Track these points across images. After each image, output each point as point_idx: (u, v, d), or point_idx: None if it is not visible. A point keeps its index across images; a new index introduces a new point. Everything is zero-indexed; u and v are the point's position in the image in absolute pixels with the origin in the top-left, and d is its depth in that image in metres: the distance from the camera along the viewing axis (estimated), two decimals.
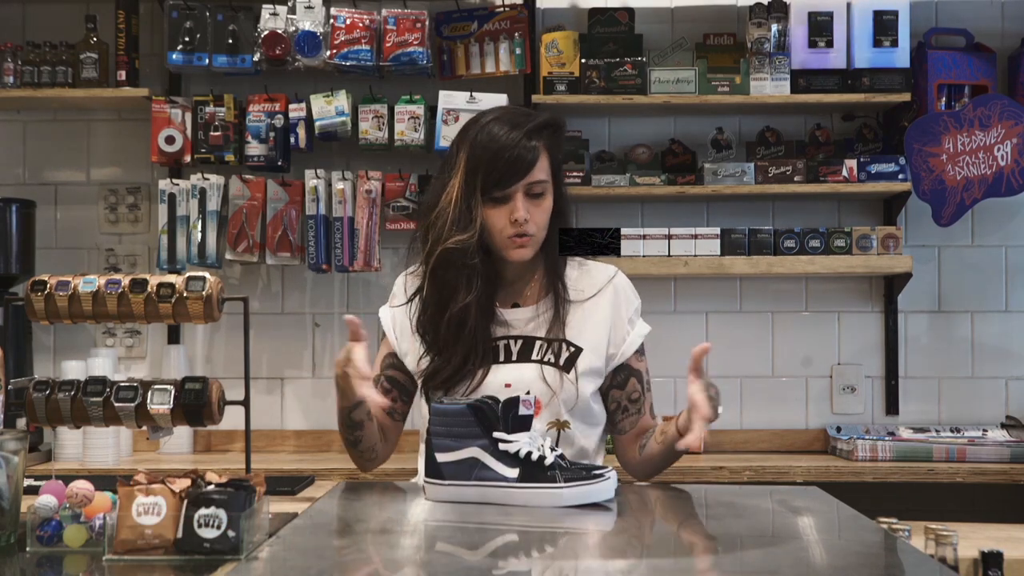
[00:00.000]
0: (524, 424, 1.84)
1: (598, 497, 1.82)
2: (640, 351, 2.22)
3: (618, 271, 2.25)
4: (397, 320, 2.22)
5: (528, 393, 1.88)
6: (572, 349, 2.14)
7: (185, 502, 1.52)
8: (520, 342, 2.15)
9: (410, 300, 2.19)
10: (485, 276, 2.11)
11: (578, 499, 1.81)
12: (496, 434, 1.82)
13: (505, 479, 1.81)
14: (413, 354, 2.18)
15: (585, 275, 2.23)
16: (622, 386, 2.20)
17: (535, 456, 1.82)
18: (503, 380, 2.10)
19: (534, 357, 2.13)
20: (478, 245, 2.09)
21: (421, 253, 2.16)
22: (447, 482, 1.84)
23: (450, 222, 2.09)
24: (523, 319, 2.17)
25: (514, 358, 2.13)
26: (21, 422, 2.64)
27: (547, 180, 2.12)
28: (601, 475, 1.84)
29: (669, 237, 3.54)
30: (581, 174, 3.52)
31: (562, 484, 1.81)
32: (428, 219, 2.14)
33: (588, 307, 2.18)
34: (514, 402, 1.83)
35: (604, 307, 2.19)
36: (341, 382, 2.01)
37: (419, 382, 2.17)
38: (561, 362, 2.13)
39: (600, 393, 2.20)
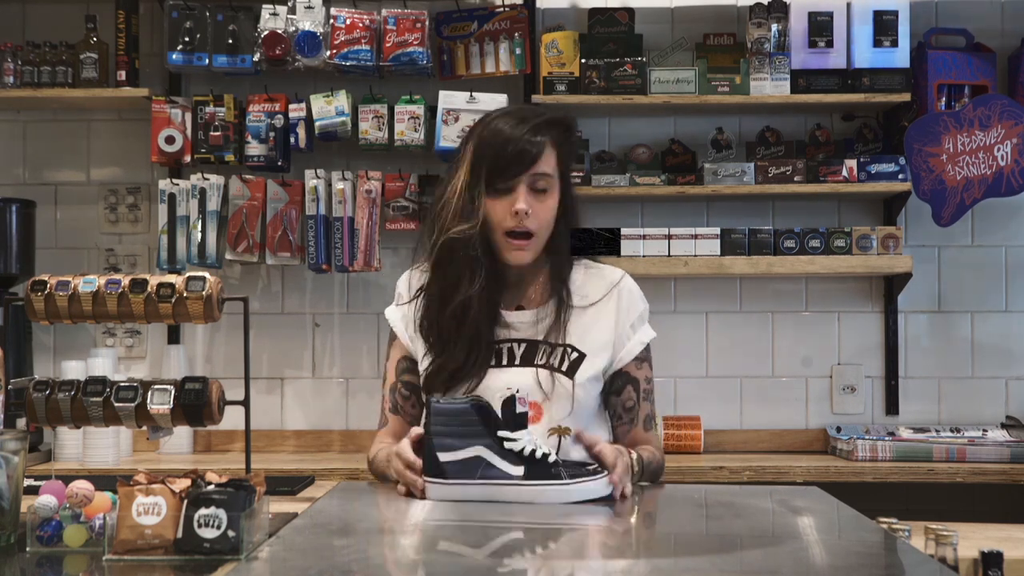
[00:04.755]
0: (522, 422, 1.85)
1: (598, 493, 1.85)
2: (641, 358, 2.18)
3: (625, 274, 2.22)
4: (408, 319, 2.20)
5: (518, 390, 1.87)
6: (575, 355, 2.11)
7: (185, 502, 1.52)
8: (524, 346, 2.12)
9: (415, 297, 2.18)
10: (489, 272, 2.09)
11: (583, 495, 1.84)
12: (501, 432, 1.83)
13: (511, 477, 1.82)
14: (422, 353, 2.16)
15: (591, 278, 2.20)
16: (618, 393, 2.17)
17: (539, 454, 1.83)
18: (504, 384, 2.06)
19: (536, 362, 2.10)
20: (481, 240, 2.08)
21: (426, 249, 2.15)
22: (451, 481, 1.84)
23: (453, 212, 2.09)
24: (527, 322, 2.14)
25: (517, 362, 2.11)
26: (21, 422, 2.63)
27: (552, 176, 2.10)
28: (598, 471, 1.88)
29: (669, 237, 3.53)
30: (581, 174, 3.52)
31: (568, 480, 1.83)
32: (433, 213, 2.14)
33: (593, 312, 2.15)
34: (511, 400, 1.85)
35: (609, 312, 2.16)
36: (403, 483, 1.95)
37: (420, 381, 2.16)
38: (564, 368, 2.10)
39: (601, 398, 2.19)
